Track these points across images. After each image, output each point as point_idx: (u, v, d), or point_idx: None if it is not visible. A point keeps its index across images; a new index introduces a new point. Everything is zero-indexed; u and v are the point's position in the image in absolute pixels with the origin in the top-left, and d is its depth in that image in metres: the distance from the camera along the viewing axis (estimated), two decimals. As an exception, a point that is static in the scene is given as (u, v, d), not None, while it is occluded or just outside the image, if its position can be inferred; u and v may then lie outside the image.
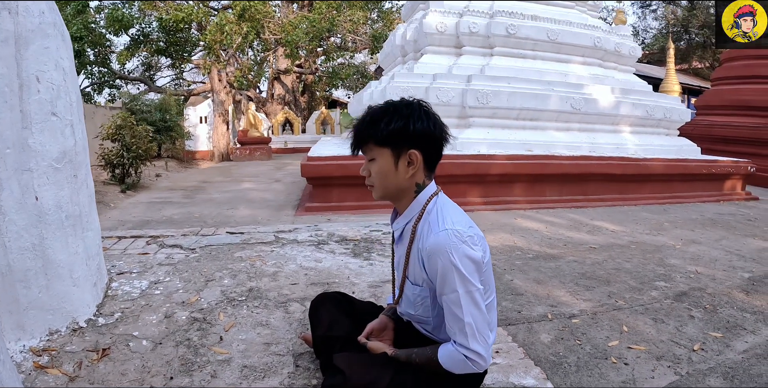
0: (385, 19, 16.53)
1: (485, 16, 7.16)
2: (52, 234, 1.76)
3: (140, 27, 13.72)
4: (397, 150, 1.28)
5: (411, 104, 1.30)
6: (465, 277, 1.19)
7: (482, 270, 1.25)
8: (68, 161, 1.87)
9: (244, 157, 13.40)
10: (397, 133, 1.26)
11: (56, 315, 1.75)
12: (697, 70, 23.30)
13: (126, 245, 3.05)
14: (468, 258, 1.20)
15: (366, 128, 1.30)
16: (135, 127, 7.48)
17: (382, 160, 1.30)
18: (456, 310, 1.20)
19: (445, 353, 1.24)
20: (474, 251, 1.22)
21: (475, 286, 1.21)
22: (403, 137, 1.26)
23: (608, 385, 2.02)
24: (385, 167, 1.30)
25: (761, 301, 3.14)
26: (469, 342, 1.19)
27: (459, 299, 1.19)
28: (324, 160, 5.73)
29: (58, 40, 1.79)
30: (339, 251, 3.04)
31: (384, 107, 1.31)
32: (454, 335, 1.22)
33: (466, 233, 1.23)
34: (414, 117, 1.26)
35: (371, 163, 1.33)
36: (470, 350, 1.20)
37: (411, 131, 1.26)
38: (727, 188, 7.36)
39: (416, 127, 1.26)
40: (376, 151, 1.30)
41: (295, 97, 19.92)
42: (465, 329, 1.19)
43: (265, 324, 1.90)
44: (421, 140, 1.28)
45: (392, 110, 1.28)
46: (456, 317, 1.21)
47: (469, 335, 1.19)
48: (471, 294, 1.20)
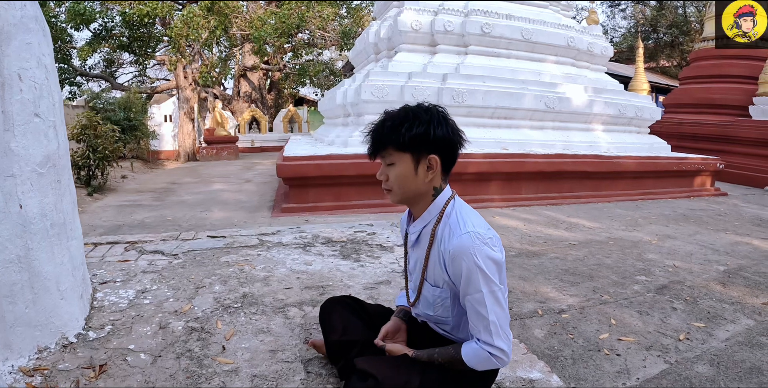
0: (354, 16, 16.41)
1: (460, 15, 7.19)
2: (37, 244, 1.64)
3: (102, 21, 13.19)
4: (417, 155, 1.30)
5: (430, 110, 1.31)
6: (488, 277, 1.23)
7: (502, 270, 1.29)
8: (52, 166, 1.75)
9: (210, 157, 13.07)
10: (418, 138, 1.27)
11: (44, 331, 1.63)
12: (665, 69, 24.19)
13: (103, 251, 2.91)
14: (490, 259, 1.24)
15: (386, 133, 1.30)
16: (101, 126, 7.17)
17: (402, 165, 1.31)
18: (480, 309, 1.24)
19: (469, 351, 1.27)
20: (495, 252, 1.26)
21: (498, 285, 1.25)
22: (424, 143, 1.28)
23: (604, 375, 2.10)
24: (405, 172, 1.31)
25: (737, 292, 3.29)
26: (493, 340, 1.23)
27: (483, 299, 1.23)
28: (300, 160, 5.64)
29: (40, 36, 1.66)
30: (327, 253, 2.99)
31: (403, 112, 1.31)
32: (478, 333, 1.26)
33: (486, 234, 1.27)
34: (434, 122, 1.28)
35: (390, 168, 1.34)
36: (494, 347, 1.24)
37: (432, 137, 1.27)
38: (697, 185, 7.64)
39: (437, 132, 1.28)
40: (396, 156, 1.31)
41: (262, 94, 19.57)
42: (489, 327, 1.23)
43: (267, 331, 1.84)
44: (441, 146, 1.30)
45: (412, 115, 1.29)
46: (481, 316, 1.24)
47: (493, 332, 1.23)
48: (494, 293, 1.24)
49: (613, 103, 7.48)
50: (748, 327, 2.73)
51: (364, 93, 6.48)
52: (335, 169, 5.66)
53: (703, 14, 20.15)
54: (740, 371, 2.22)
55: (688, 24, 22.54)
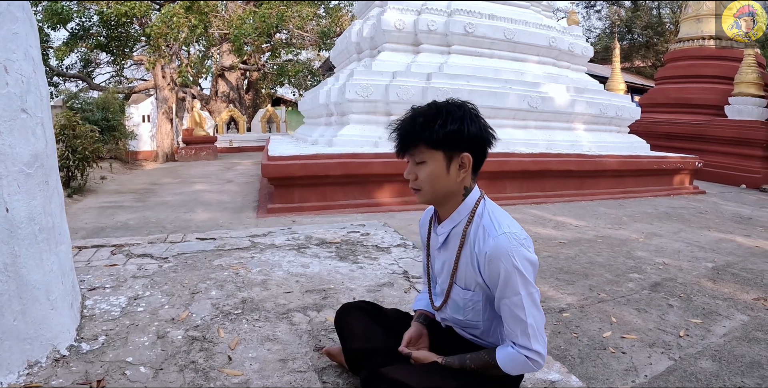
0: (333, 16, 16.28)
1: (443, 15, 7.18)
2: (25, 251, 1.52)
3: (80, 21, 12.88)
4: (449, 153, 1.24)
5: (462, 106, 1.26)
6: (527, 279, 1.20)
7: (536, 272, 1.26)
8: (40, 166, 1.63)
9: (189, 157, 12.81)
10: (452, 135, 1.22)
11: (34, 344, 1.51)
12: (640, 69, 24.78)
13: (89, 255, 2.76)
14: (527, 261, 1.21)
15: (418, 130, 1.24)
16: (80, 126, 6.93)
17: (433, 164, 1.25)
18: (518, 312, 1.20)
19: (505, 355, 1.24)
20: (531, 253, 1.23)
21: (535, 287, 1.22)
22: (457, 140, 1.23)
23: (613, 374, 2.10)
24: (436, 171, 1.25)
25: (728, 288, 3.35)
26: (531, 343, 1.20)
27: (522, 302, 1.19)
28: (286, 159, 5.53)
29: (27, 26, 1.54)
30: (323, 255, 2.91)
31: (434, 109, 1.25)
32: (515, 337, 1.22)
33: (522, 235, 1.23)
34: (467, 119, 1.23)
35: (419, 167, 1.27)
36: (532, 351, 1.20)
37: (466, 134, 1.23)
38: (677, 183, 7.80)
39: (470, 130, 1.23)
40: (428, 154, 1.25)
41: (240, 94, 19.25)
42: (527, 331, 1.20)
43: (273, 339, 1.74)
44: (474, 143, 1.25)
45: (445, 112, 1.23)
46: (518, 320, 1.21)
47: (531, 336, 1.20)
48: (532, 296, 1.21)
49: (594, 102, 7.58)
50: (743, 322, 2.79)
51: (348, 92, 6.41)
52: (321, 169, 5.57)
53: (677, 16, 20.73)
54: (741, 365, 2.26)
55: (662, 25, 23.14)
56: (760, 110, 9.42)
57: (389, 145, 3.72)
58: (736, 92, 9.71)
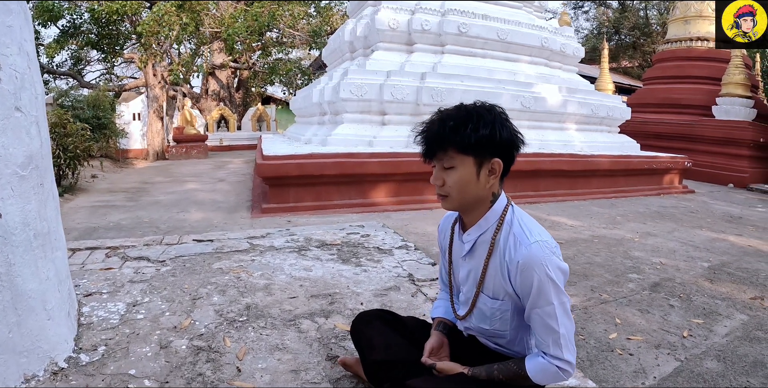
0: (324, 15, 16.18)
1: (437, 14, 7.15)
2: (20, 258, 1.44)
3: (71, 18, 12.67)
4: (480, 158, 1.21)
5: (492, 110, 1.23)
6: (559, 288, 1.18)
7: (567, 279, 1.24)
8: (34, 167, 1.54)
9: (180, 156, 12.66)
10: (484, 140, 1.18)
11: (31, 357, 1.43)
12: (627, 70, 25.05)
13: (83, 258, 2.67)
14: (560, 269, 1.19)
15: (448, 134, 1.19)
16: (71, 124, 6.78)
17: (463, 169, 1.21)
18: (551, 322, 1.18)
19: (535, 366, 1.21)
20: (562, 261, 1.20)
21: (566, 296, 1.20)
22: (489, 145, 1.19)
23: (623, 376, 2.10)
24: (466, 177, 1.21)
25: (725, 288, 3.36)
26: (563, 353, 1.18)
27: (554, 311, 1.17)
28: (281, 159, 5.45)
29: (22, 19, 1.46)
30: (325, 258, 2.85)
31: (465, 112, 1.21)
32: (546, 347, 1.20)
33: (552, 243, 1.21)
34: (498, 123, 1.20)
35: (448, 172, 1.23)
36: (563, 361, 1.19)
37: (498, 139, 1.19)
38: (667, 182, 7.85)
39: (502, 134, 1.20)
40: (458, 159, 1.21)
41: (230, 93, 19.07)
42: (559, 341, 1.18)
43: (282, 348, 1.68)
44: (505, 148, 1.22)
45: (476, 116, 1.19)
46: (550, 330, 1.18)
47: (563, 345, 1.18)
48: (564, 305, 1.19)
49: (586, 103, 7.60)
50: (743, 322, 2.80)
51: (343, 91, 6.35)
52: (316, 169, 5.50)
53: (664, 17, 20.97)
54: (745, 365, 2.28)
55: (649, 26, 23.43)
56: (747, 111, 9.54)
57: (384, 144, 3.71)
58: (723, 93, 9.82)
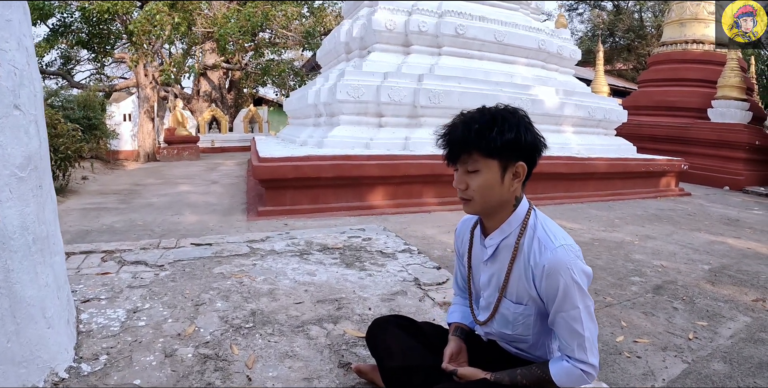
0: (317, 16, 16.12)
1: (434, 16, 7.12)
2: (18, 264, 1.37)
3: (61, 17, 12.51)
4: (504, 162, 1.19)
5: (516, 113, 1.21)
6: (584, 292, 1.19)
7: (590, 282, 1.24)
8: (33, 168, 1.48)
9: (171, 157, 12.51)
10: (510, 144, 1.17)
11: (30, 368, 1.36)
12: (621, 72, 25.24)
13: (78, 262, 2.59)
14: (584, 273, 1.19)
15: (473, 138, 1.17)
16: (61, 125, 6.66)
17: (488, 173, 1.20)
18: (576, 326, 1.18)
19: (560, 370, 1.21)
20: (585, 265, 1.21)
21: (591, 299, 1.21)
22: (514, 149, 1.18)
23: (632, 379, 2.09)
24: (491, 180, 1.20)
25: (727, 290, 3.36)
26: (587, 356, 1.19)
27: (580, 315, 1.18)
28: (278, 161, 5.38)
29: (21, 13, 1.40)
30: (328, 262, 2.79)
31: (489, 115, 1.19)
32: (571, 351, 1.20)
33: (576, 247, 1.22)
34: (522, 127, 1.19)
35: (471, 176, 1.21)
36: (588, 364, 1.19)
37: (523, 142, 1.18)
38: (663, 185, 7.88)
39: (527, 138, 1.19)
40: (482, 162, 1.19)
41: (222, 94, 18.93)
42: (584, 344, 1.18)
43: (292, 355, 1.62)
44: (529, 152, 1.21)
45: (501, 119, 1.18)
46: (575, 333, 1.19)
47: (587, 349, 1.19)
48: (588, 309, 1.20)
49: (582, 105, 7.60)
50: (747, 324, 2.80)
51: (339, 93, 6.29)
52: (313, 171, 5.44)
53: (659, 20, 21.14)
54: (751, 366, 2.28)
55: (644, 29, 23.61)
56: (743, 113, 9.61)
57: (381, 147, 3.65)
58: (719, 96, 9.89)
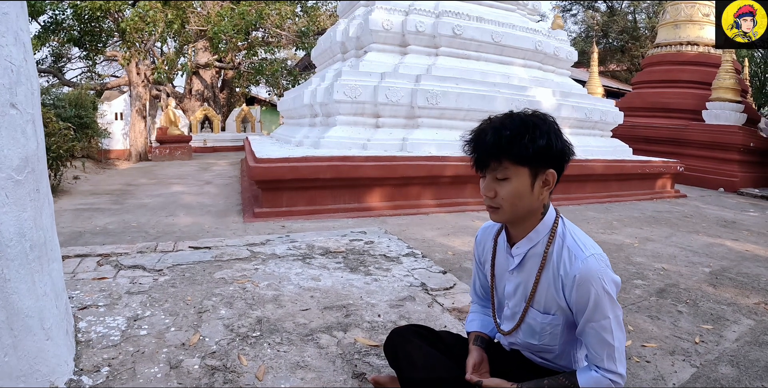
0: (311, 15, 16.04)
1: (431, 16, 7.08)
2: (15, 273, 1.30)
3: (53, 14, 12.33)
4: (535, 170, 1.16)
5: (545, 119, 1.19)
6: (614, 301, 1.18)
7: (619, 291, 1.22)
8: (30, 171, 1.40)
9: (163, 157, 12.37)
10: (542, 151, 1.14)
11: (29, 382, 1.29)
12: (615, 73, 25.37)
13: (73, 266, 2.50)
14: (614, 283, 1.19)
15: (505, 145, 1.13)
16: (53, 123, 6.53)
17: (518, 181, 1.16)
18: (606, 336, 1.17)
19: (588, 380, 1.19)
20: (615, 274, 1.20)
21: (620, 308, 1.21)
22: (545, 156, 1.15)
23: (643, 384, 2.07)
24: (521, 188, 1.17)
25: (729, 293, 3.35)
26: (617, 366, 1.17)
27: (610, 325, 1.17)
28: (275, 162, 5.30)
29: (18, 6, 1.33)
30: (332, 266, 2.73)
31: (519, 121, 1.15)
32: (600, 361, 1.18)
33: (605, 256, 1.20)
34: (553, 134, 1.16)
35: (501, 183, 1.18)
36: (617, 374, 1.17)
37: (554, 150, 1.15)
38: (659, 187, 7.88)
39: (558, 145, 1.16)
40: (512, 170, 1.16)
41: (214, 93, 18.78)
42: (614, 354, 1.17)
43: (304, 365, 1.56)
44: (560, 159, 1.18)
45: (532, 125, 1.14)
46: (605, 343, 1.17)
47: (617, 359, 1.17)
48: (618, 319, 1.19)
49: (579, 107, 7.60)
50: (751, 327, 2.79)
51: (336, 93, 6.23)
52: (311, 172, 5.36)
53: (653, 21, 21.27)
54: (758, 369, 2.27)
55: (637, 30, 23.77)
56: (737, 115, 9.65)
57: (378, 147, 3.57)
58: (713, 97, 9.92)
